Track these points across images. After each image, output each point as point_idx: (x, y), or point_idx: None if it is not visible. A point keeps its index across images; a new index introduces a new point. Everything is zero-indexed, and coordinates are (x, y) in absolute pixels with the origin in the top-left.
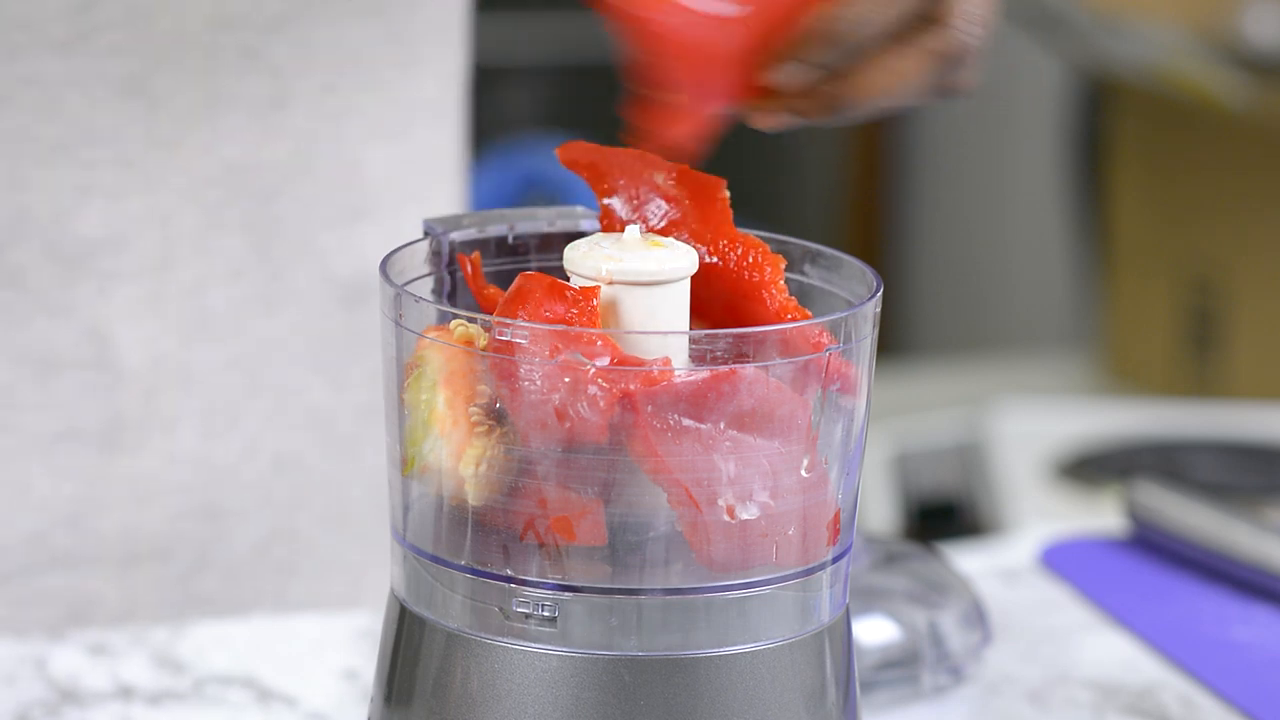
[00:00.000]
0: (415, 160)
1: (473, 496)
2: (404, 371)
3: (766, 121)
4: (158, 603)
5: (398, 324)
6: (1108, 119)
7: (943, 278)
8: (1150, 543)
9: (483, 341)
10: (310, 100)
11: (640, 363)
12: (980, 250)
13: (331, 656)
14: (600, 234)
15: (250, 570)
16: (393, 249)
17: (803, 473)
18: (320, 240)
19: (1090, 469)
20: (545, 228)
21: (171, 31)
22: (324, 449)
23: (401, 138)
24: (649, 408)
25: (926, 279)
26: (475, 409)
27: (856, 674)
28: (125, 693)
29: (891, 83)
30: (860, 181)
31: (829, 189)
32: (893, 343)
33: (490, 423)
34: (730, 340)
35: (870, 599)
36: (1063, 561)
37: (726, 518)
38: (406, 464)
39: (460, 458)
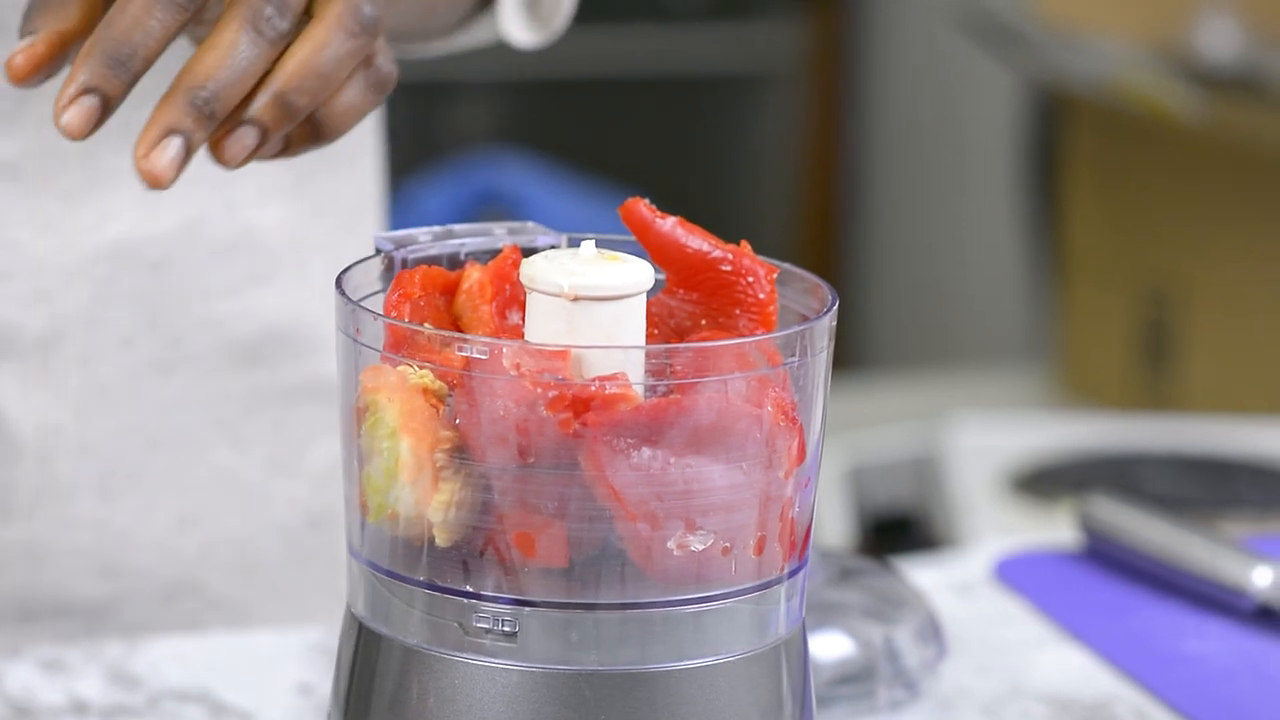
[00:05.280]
0: (319, 214)
1: (441, 539)
2: (360, 391)
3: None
4: None
5: (355, 340)
6: (1062, 133)
7: (898, 292)
8: (1104, 556)
9: (429, 381)
10: (196, 168)
11: (598, 378)
12: (935, 264)
13: (286, 671)
14: (554, 250)
15: (155, 624)
16: (346, 266)
17: (759, 488)
18: (216, 306)
19: (1045, 483)
20: (499, 244)
21: (49, 115)
22: (228, 504)
23: (299, 193)
24: (603, 429)
25: (881, 293)
26: (440, 454)
27: (813, 688)
28: (79, 708)
29: (348, 117)
30: (815, 195)
31: (783, 202)
32: (848, 357)
33: (456, 463)
34: (688, 355)
35: (825, 614)
36: (1017, 575)
37: (682, 534)
38: (372, 511)
39: (429, 505)
